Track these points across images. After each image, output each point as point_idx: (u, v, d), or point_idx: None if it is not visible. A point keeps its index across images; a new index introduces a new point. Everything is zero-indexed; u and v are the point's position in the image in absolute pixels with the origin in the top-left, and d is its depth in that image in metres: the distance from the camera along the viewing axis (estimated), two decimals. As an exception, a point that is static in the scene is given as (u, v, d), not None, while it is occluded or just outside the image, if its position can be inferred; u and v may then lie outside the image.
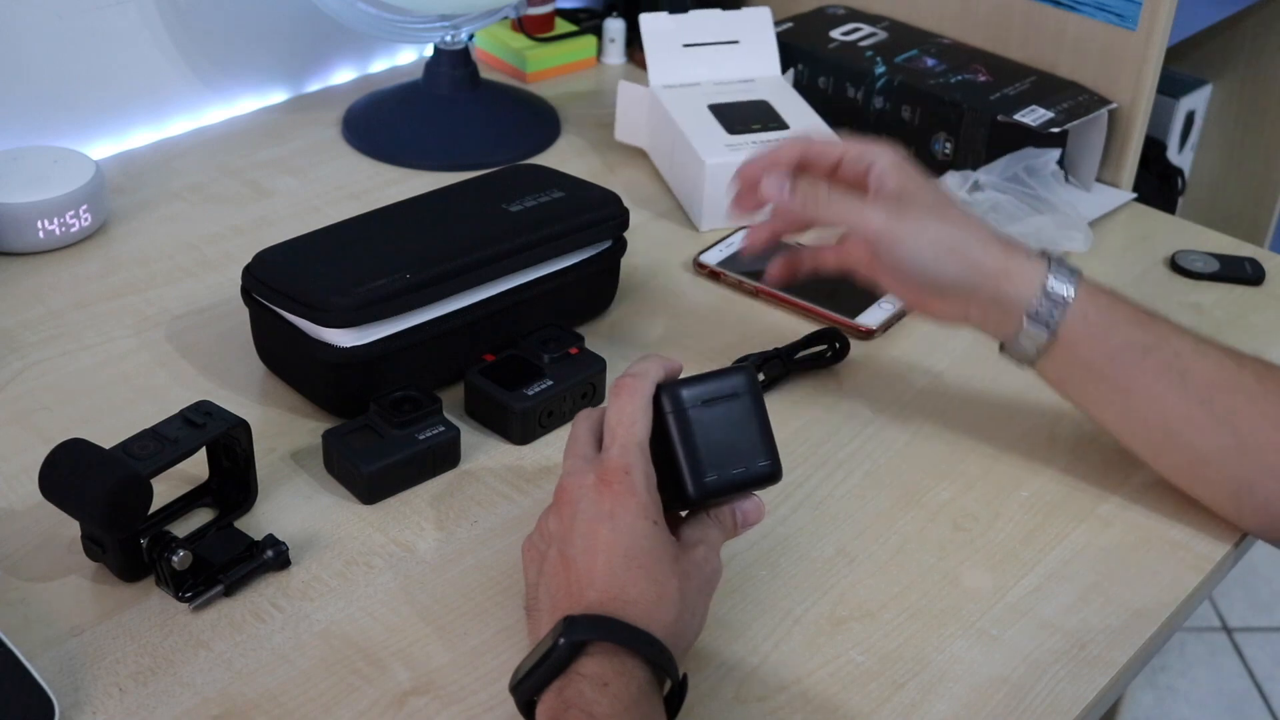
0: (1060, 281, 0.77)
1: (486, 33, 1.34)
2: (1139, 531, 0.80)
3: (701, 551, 0.67)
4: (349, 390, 0.84)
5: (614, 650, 0.61)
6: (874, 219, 0.77)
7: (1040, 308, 0.76)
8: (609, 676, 0.60)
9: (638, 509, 0.65)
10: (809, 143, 0.83)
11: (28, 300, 0.97)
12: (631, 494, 0.65)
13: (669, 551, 0.65)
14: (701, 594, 0.66)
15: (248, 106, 1.25)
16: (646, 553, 0.64)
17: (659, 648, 0.62)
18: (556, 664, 0.61)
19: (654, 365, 0.69)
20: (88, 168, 1.04)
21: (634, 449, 0.66)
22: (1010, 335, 0.79)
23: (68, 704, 0.66)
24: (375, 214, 0.93)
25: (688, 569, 0.65)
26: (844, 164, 0.81)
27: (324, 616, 0.72)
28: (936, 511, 0.81)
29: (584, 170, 1.15)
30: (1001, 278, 0.77)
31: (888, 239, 0.77)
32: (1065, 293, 0.76)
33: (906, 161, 0.81)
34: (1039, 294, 0.76)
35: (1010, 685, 0.70)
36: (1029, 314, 0.77)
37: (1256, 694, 1.86)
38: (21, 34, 1.08)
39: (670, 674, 0.63)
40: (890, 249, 0.77)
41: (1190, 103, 1.44)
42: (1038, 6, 1.17)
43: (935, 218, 0.78)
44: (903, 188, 0.79)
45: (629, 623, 0.62)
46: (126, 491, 0.69)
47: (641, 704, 0.60)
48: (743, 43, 1.18)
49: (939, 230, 0.78)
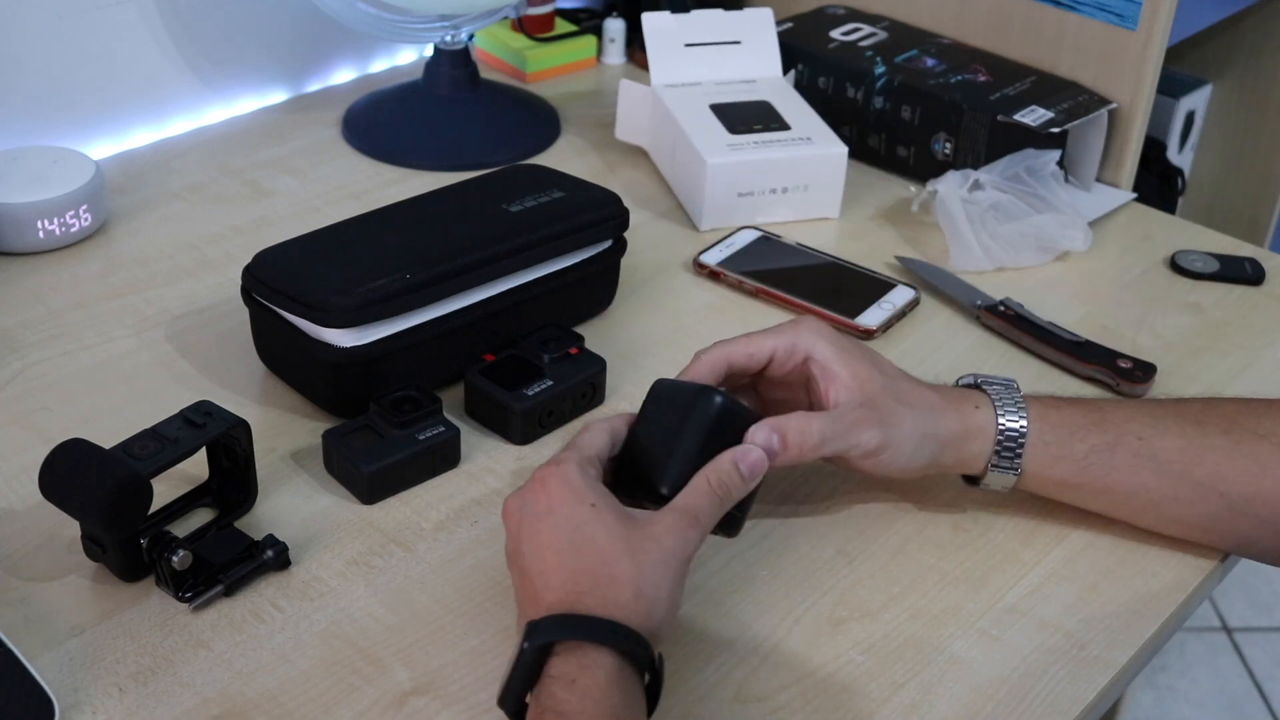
0: (1010, 416, 0.76)
1: (486, 33, 1.34)
2: (1139, 531, 0.80)
3: (664, 525, 0.66)
4: (349, 390, 0.84)
5: (576, 646, 0.61)
6: (871, 438, 0.73)
7: (1001, 453, 0.76)
8: (575, 673, 0.60)
9: (572, 497, 0.65)
10: (729, 352, 0.76)
11: (28, 300, 0.97)
12: (564, 484, 0.65)
13: (615, 530, 0.64)
14: (662, 567, 0.64)
15: (248, 106, 1.25)
16: (589, 536, 0.64)
17: (623, 632, 0.61)
18: (525, 671, 0.61)
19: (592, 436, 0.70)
20: (88, 168, 1.04)
21: (570, 451, 0.68)
22: (979, 483, 0.78)
23: (68, 704, 0.66)
24: (375, 214, 0.93)
25: (642, 544, 0.64)
26: (775, 363, 0.77)
27: (324, 616, 0.72)
28: (936, 511, 0.81)
29: (584, 170, 1.15)
30: (961, 441, 0.76)
31: (882, 450, 0.74)
32: (1019, 426, 0.76)
33: (831, 332, 0.76)
34: (995, 440, 0.76)
35: (1010, 685, 0.70)
36: (992, 465, 0.76)
37: (1256, 694, 1.86)
38: (21, 34, 1.08)
39: (637, 656, 0.62)
40: (881, 460, 0.75)
41: (1190, 103, 1.44)
42: (1038, 6, 1.17)
43: (903, 405, 0.75)
44: (856, 376, 0.75)
45: (587, 614, 0.62)
46: (126, 491, 0.69)
47: (612, 693, 0.60)
48: (744, 43, 1.18)
49: (913, 420, 0.75)
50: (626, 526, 0.65)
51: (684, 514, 0.66)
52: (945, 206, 1.05)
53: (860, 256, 1.05)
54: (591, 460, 0.68)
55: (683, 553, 0.66)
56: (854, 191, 1.13)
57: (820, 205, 1.11)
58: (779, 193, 1.09)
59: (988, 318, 0.98)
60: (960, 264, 1.04)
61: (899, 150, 1.17)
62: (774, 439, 0.71)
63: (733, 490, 0.68)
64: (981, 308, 0.99)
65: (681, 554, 0.66)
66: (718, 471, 0.68)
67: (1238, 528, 0.76)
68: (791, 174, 1.09)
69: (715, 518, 0.68)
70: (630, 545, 0.64)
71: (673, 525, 0.66)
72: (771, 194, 1.09)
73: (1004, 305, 0.98)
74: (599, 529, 0.64)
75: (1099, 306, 1.02)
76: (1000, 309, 0.98)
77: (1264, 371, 0.96)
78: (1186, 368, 0.95)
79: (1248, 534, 0.76)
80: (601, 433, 0.70)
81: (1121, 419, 0.77)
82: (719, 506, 0.68)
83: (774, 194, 1.09)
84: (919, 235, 1.10)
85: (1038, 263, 1.06)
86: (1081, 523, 0.81)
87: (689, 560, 0.66)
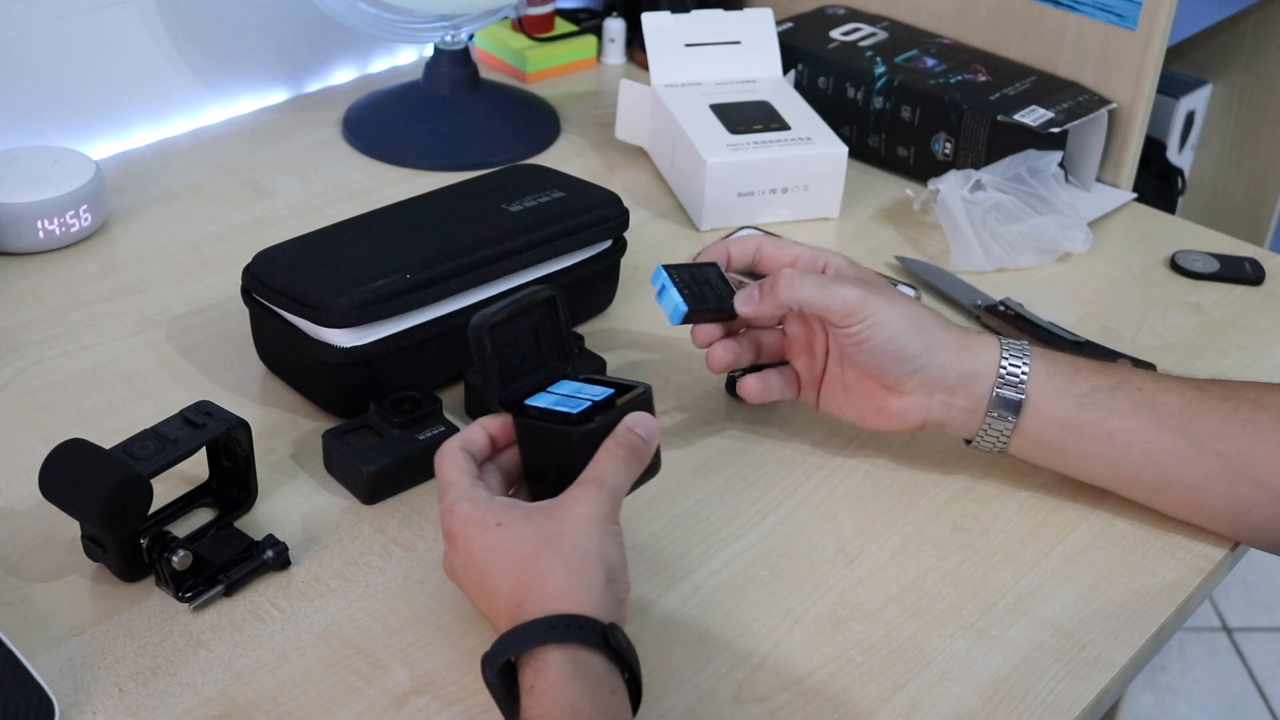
0: (1015, 353, 0.78)
1: (486, 33, 1.34)
2: (1139, 531, 0.80)
3: (571, 498, 0.66)
4: (349, 390, 0.84)
5: (527, 655, 0.62)
6: (849, 294, 0.77)
7: (1003, 386, 0.77)
8: (531, 680, 0.61)
9: (477, 528, 0.66)
10: (764, 239, 0.84)
11: (28, 300, 0.97)
12: (464, 524, 0.66)
13: (527, 532, 0.65)
14: (581, 537, 0.65)
15: (248, 106, 1.25)
16: (506, 553, 0.65)
17: (561, 622, 0.62)
18: (502, 701, 0.63)
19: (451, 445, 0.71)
20: (88, 168, 1.04)
21: (449, 491, 0.68)
22: (975, 425, 0.78)
23: (68, 704, 0.66)
24: (375, 214, 0.93)
25: (555, 528, 0.65)
26: (799, 264, 0.82)
27: (324, 616, 0.72)
28: (936, 511, 0.81)
29: (584, 170, 1.15)
30: (962, 351, 0.77)
31: (864, 311, 0.76)
32: (1022, 358, 0.77)
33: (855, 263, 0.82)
34: (999, 362, 0.77)
35: (1010, 685, 0.70)
36: (996, 390, 0.77)
37: (1256, 694, 1.86)
38: (21, 34, 1.08)
39: (586, 639, 0.62)
40: (865, 321, 0.76)
41: (1190, 103, 1.44)
42: (1038, 6, 1.17)
43: (900, 299, 0.78)
44: (862, 275, 0.80)
45: (525, 621, 0.62)
46: (126, 492, 0.69)
47: (568, 688, 0.60)
48: (744, 43, 1.18)
49: (907, 306, 0.78)
50: (538, 523, 0.66)
51: (589, 481, 0.67)
52: (947, 206, 1.05)
53: (860, 256, 1.05)
54: (472, 480, 0.68)
55: (596, 515, 0.66)
56: (854, 191, 1.13)
57: (820, 205, 1.11)
58: (779, 193, 1.09)
59: (988, 318, 0.98)
60: (961, 264, 1.04)
61: (899, 150, 1.17)
62: (755, 291, 0.78)
63: (637, 448, 0.69)
64: (981, 308, 0.99)
65: (595, 516, 0.66)
66: (616, 438, 0.69)
67: (1238, 491, 0.76)
68: (791, 174, 1.09)
69: (625, 477, 0.68)
70: (545, 535, 0.65)
71: (580, 495, 0.66)
72: (771, 194, 1.09)
73: (1004, 305, 0.98)
74: (513, 542, 0.65)
75: (1099, 306, 1.02)
76: (1000, 309, 0.98)
77: (1264, 371, 0.96)
78: (1186, 368, 0.95)
79: (1244, 499, 0.76)
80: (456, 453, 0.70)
81: (1124, 371, 0.79)
82: (626, 466, 0.68)
83: (774, 194, 1.09)
84: (919, 235, 1.10)
85: (1038, 264, 1.06)
86: (1082, 523, 0.81)
87: (609, 519, 0.66)
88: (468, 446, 0.70)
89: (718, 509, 0.81)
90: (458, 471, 0.69)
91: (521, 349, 0.73)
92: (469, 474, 0.69)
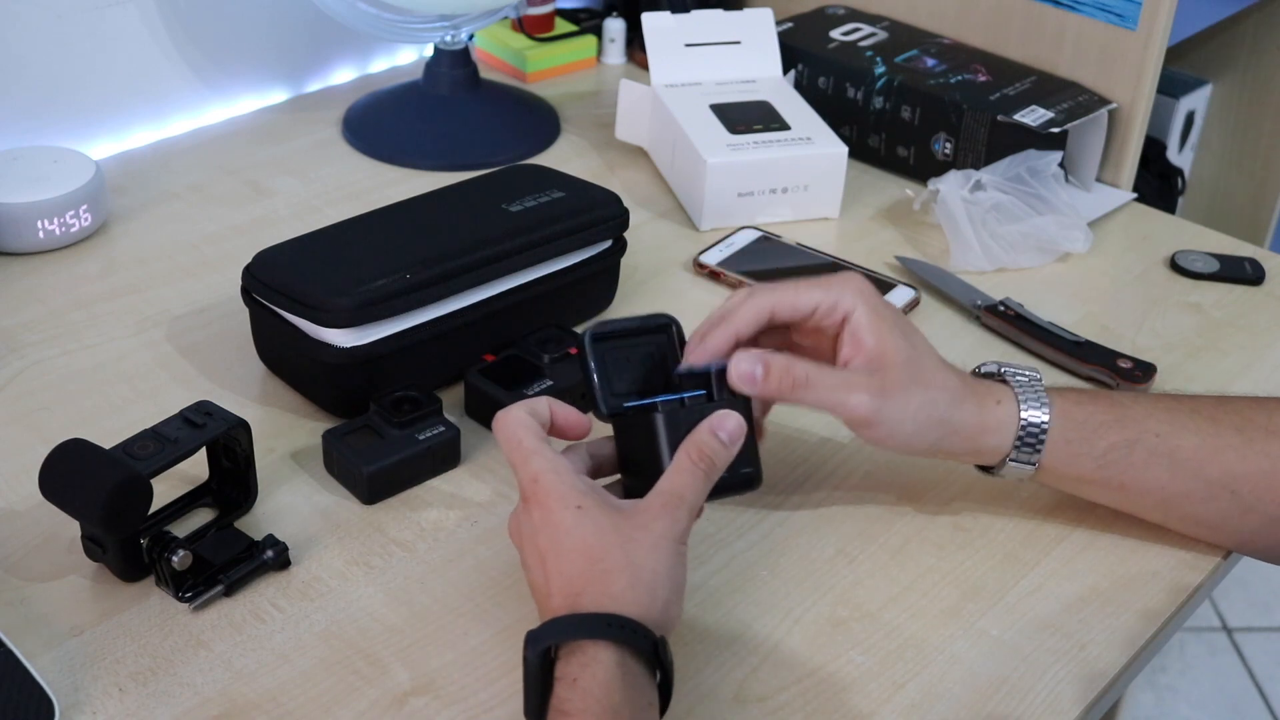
0: (1033, 409, 0.75)
1: (486, 33, 1.34)
2: (1139, 532, 0.80)
3: (651, 510, 0.66)
4: (349, 390, 0.84)
5: (576, 646, 0.61)
6: (859, 404, 0.73)
7: (1020, 449, 0.75)
8: (576, 672, 0.61)
9: (557, 504, 0.65)
10: (775, 302, 0.75)
11: (28, 300, 0.97)
12: (547, 495, 0.66)
13: (603, 525, 0.65)
14: (655, 551, 0.65)
15: (248, 106, 1.25)
16: (579, 538, 0.64)
17: (617, 623, 0.62)
18: (534, 680, 0.62)
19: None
20: (88, 168, 1.04)
21: (532, 459, 0.67)
22: (994, 471, 0.78)
23: (68, 704, 0.66)
24: (375, 214, 0.93)
25: (631, 533, 0.65)
26: (815, 316, 0.76)
27: (324, 616, 0.72)
28: (936, 511, 0.81)
29: (584, 170, 1.15)
30: (979, 433, 0.76)
31: (873, 421, 0.74)
32: (1041, 422, 0.75)
33: (875, 297, 0.75)
34: (1016, 436, 0.75)
35: (1010, 685, 0.70)
36: (1010, 459, 0.76)
37: (1256, 694, 1.86)
38: (21, 34, 1.08)
39: (638, 646, 0.62)
40: (876, 432, 0.74)
41: (1190, 103, 1.44)
42: (1038, 6, 1.17)
43: (915, 384, 0.74)
44: (880, 347, 0.74)
45: (582, 612, 0.62)
46: (126, 492, 0.69)
47: (613, 689, 0.60)
48: (744, 43, 1.18)
49: (921, 401, 0.74)
50: (615, 520, 0.65)
51: (669, 495, 0.67)
52: (947, 206, 1.05)
53: (860, 256, 1.05)
54: (555, 452, 0.68)
55: (673, 533, 0.66)
56: (854, 191, 1.13)
57: (820, 205, 1.11)
58: (779, 193, 1.09)
59: (988, 318, 0.98)
60: (961, 264, 1.04)
61: (899, 150, 1.17)
62: (758, 368, 0.72)
63: (716, 459, 0.68)
64: (981, 308, 0.99)
65: (672, 534, 0.66)
66: (696, 444, 0.68)
67: (1246, 524, 0.76)
68: (791, 174, 1.09)
69: (702, 491, 0.68)
70: (620, 536, 0.65)
71: (659, 509, 0.66)
72: (771, 194, 1.09)
73: (1004, 305, 0.98)
74: (587, 529, 0.65)
75: (1099, 306, 1.02)
76: (1000, 309, 0.98)
77: (1264, 371, 0.96)
78: (1186, 368, 0.95)
79: (1256, 530, 0.76)
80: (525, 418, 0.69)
81: (1141, 415, 0.76)
82: (705, 479, 0.68)
83: (774, 194, 1.09)
84: (919, 235, 1.10)
85: (1038, 264, 1.06)
86: (1082, 523, 0.81)
87: (682, 539, 0.66)
88: (534, 413, 0.70)
89: (718, 509, 0.80)
90: (536, 439, 0.68)
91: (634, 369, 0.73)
92: (547, 441, 0.69)
